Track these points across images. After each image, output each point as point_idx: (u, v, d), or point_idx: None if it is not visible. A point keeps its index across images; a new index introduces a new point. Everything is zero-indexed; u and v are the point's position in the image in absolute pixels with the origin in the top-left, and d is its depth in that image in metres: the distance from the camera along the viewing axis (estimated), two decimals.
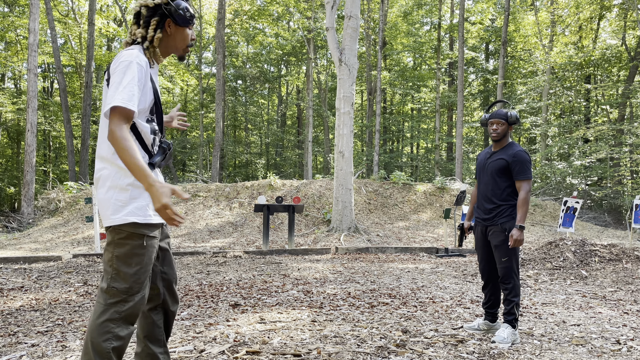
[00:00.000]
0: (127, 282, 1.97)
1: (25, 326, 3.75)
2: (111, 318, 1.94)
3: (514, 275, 3.43)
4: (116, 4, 22.18)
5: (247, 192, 13.65)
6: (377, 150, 21.28)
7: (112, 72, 1.98)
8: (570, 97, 22.00)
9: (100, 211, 2.04)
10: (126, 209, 1.97)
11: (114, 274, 1.97)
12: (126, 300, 1.97)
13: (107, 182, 1.99)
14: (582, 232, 12.79)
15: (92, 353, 1.91)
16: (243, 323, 3.83)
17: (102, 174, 2.02)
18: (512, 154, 3.43)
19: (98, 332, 1.92)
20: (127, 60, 1.94)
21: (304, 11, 22.88)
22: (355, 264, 7.46)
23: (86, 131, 18.59)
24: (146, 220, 1.99)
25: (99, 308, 1.96)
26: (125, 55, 1.96)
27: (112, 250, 1.99)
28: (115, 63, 1.97)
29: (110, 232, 2.01)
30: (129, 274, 1.97)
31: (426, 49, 26.95)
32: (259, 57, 28.43)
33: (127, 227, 1.97)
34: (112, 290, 1.96)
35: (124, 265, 1.97)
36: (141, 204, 1.99)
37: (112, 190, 1.98)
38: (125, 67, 1.93)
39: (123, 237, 1.98)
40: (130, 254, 1.98)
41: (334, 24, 11.25)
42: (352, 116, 10.99)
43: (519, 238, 3.34)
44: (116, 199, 1.97)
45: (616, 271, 6.18)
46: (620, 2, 19.70)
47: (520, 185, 3.41)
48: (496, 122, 3.54)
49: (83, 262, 7.52)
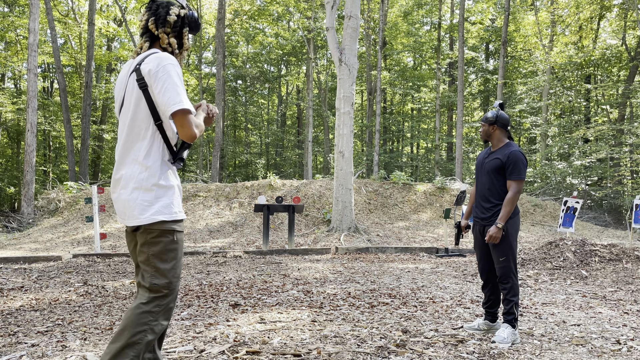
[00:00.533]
0: (167, 277, 2.10)
1: (25, 326, 3.75)
2: (152, 310, 2.06)
3: (512, 274, 3.44)
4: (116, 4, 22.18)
5: (247, 192, 13.64)
6: (377, 150, 21.28)
7: (156, 75, 2.05)
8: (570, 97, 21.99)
9: (126, 211, 2.10)
10: (153, 208, 2.05)
11: (154, 272, 2.08)
12: (167, 295, 2.10)
13: (131, 182, 2.07)
14: (582, 232, 12.79)
15: (125, 340, 1.98)
16: (243, 323, 3.83)
17: (125, 174, 2.09)
18: (507, 154, 3.48)
19: (137, 322, 2.02)
20: (172, 64, 2.08)
21: (304, 11, 22.88)
22: (355, 264, 7.46)
23: (86, 131, 18.58)
24: (172, 217, 2.09)
25: (139, 300, 2.06)
26: (169, 59, 2.08)
27: (146, 250, 2.08)
28: (158, 66, 2.05)
29: (142, 233, 2.09)
30: (167, 269, 2.09)
31: (426, 49, 26.94)
32: (259, 57, 28.42)
33: (157, 225, 2.06)
34: (154, 287, 2.08)
35: (161, 262, 2.09)
36: (166, 202, 2.09)
37: (137, 191, 2.05)
38: (174, 70, 2.07)
39: (155, 235, 2.07)
40: (164, 251, 2.09)
41: (334, 24, 11.24)
42: (352, 116, 10.99)
43: (495, 235, 3.37)
44: (142, 199, 2.05)
45: (616, 271, 6.17)
46: (620, 2, 19.69)
47: (510, 185, 3.45)
48: (481, 124, 3.68)
49: (83, 262, 7.52)
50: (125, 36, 24.86)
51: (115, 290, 5.28)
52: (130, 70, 2.16)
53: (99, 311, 4.27)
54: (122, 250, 9.28)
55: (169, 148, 2.13)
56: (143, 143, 2.08)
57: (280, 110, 31.70)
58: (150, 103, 2.08)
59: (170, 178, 2.12)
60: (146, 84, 2.07)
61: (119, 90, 2.21)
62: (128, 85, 2.14)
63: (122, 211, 2.12)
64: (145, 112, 2.09)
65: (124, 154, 2.12)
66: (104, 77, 26.51)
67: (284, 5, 22.75)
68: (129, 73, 2.17)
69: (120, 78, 2.24)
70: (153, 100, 2.07)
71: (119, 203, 2.12)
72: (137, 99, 2.09)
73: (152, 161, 2.07)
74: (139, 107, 2.09)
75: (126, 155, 2.11)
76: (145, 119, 2.09)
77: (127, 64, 2.25)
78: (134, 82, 2.10)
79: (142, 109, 2.09)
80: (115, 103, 2.25)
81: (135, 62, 2.17)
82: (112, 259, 7.88)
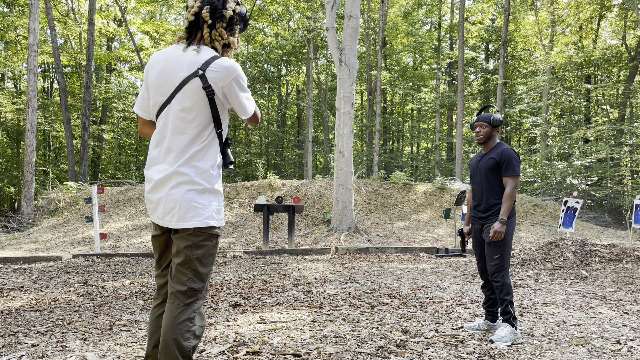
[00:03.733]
0: (204, 282, 2.08)
1: (25, 326, 3.75)
2: (190, 317, 2.03)
3: (504, 272, 3.49)
4: (116, 4, 22.17)
5: (247, 192, 13.64)
6: (377, 150, 21.28)
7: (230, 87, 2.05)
8: (570, 97, 21.99)
9: (175, 212, 2.03)
10: (206, 212, 2.05)
11: (192, 275, 2.05)
12: (200, 299, 2.08)
13: (186, 184, 2.03)
14: (582, 232, 12.78)
15: (176, 353, 1.97)
16: (243, 323, 3.83)
17: (176, 174, 2.03)
18: (500, 152, 3.57)
19: (180, 332, 1.99)
20: (240, 74, 2.08)
21: (304, 11, 22.88)
22: (355, 264, 7.46)
23: (86, 131, 18.58)
24: (220, 223, 2.11)
25: (177, 309, 2.02)
26: (237, 68, 2.07)
27: (190, 252, 2.04)
28: (229, 77, 2.04)
29: (188, 235, 2.04)
30: (205, 273, 2.08)
31: (426, 49, 26.94)
32: (258, 57, 28.41)
33: (206, 229, 2.06)
34: (191, 291, 2.04)
35: (201, 265, 2.06)
36: (217, 207, 2.10)
37: (191, 193, 2.03)
38: (244, 79, 2.10)
39: (202, 239, 2.06)
40: (206, 255, 2.08)
41: (334, 24, 11.24)
42: (352, 116, 10.99)
43: (499, 230, 3.42)
44: (197, 202, 2.03)
45: (616, 271, 6.17)
46: (620, 2, 19.69)
47: (507, 181, 3.53)
48: (480, 125, 3.70)
49: (83, 262, 7.52)
50: (125, 36, 24.85)
51: (115, 290, 5.28)
52: (187, 71, 2.03)
53: (99, 311, 4.27)
54: (122, 250, 9.28)
55: (222, 153, 2.15)
56: (201, 146, 2.05)
57: (280, 110, 31.70)
58: (214, 110, 2.05)
59: (220, 183, 2.13)
60: (214, 92, 2.01)
61: (162, 85, 2.07)
62: (185, 87, 2.02)
63: (168, 211, 2.03)
64: (208, 118, 2.05)
65: (171, 152, 2.04)
66: (104, 77, 26.51)
67: (284, 5, 22.75)
68: (185, 72, 2.03)
69: (162, 69, 2.08)
70: (218, 109, 2.06)
71: (168, 203, 2.03)
72: (201, 104, 2.02)
73: (209, 165, 2.06)
74: (202, 113, 2.04)
75: (179, 156, 2.03)
76: (206, 124, 2.05)
77: (172, 55, 2.09)
78: (199, 88, 2.01)
79: (206, 115, 2.04)
80: (154, 93, 2.10)
81: (193, 63, 2.03)
82: (112, 259, 7.88)
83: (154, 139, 2.12)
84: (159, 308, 2.18)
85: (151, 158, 2.11)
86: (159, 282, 2.21)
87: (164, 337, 1.99)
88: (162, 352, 1.99)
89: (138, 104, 2.20)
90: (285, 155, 30.39)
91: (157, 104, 2.11)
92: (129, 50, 24.80)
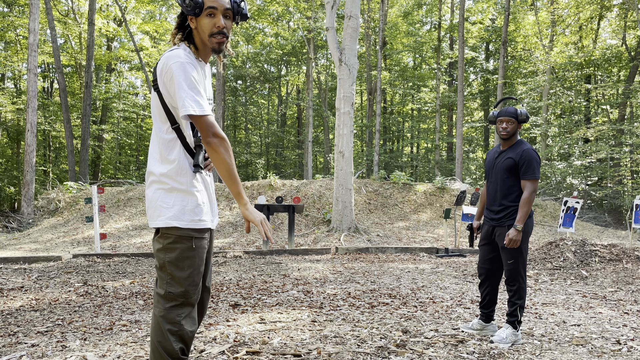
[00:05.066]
0: (182, 286, 1.99)
1: (25, 326, 3.75)
2: (175, 321, 1.98)
3: (520, 278, 3.36)
4: (116, 4, 22.16)
5: (247, 192, 13.64)
6: (377, 150, 21.27)
7: (168, 77, 1.93)
8: (570, 97, 21.98)
9: (148, 211, 2.04)
10: (170, 211, 1.97)
11: (170, 279, 1.99)
12: (184, 304, 2.00)
13: (155, 183, 2.01)
14: (582, 232, 12.78)
15: (165, 354, 1.95)
16: (243, 323, 3.83)
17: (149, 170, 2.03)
18: (520, 152, 3.34)
19: (164, 336, 1.96)
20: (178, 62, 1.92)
21: (304, 11, 22.87)
22: (355, 264, 7.46)
23: (86, 131, 18.57)
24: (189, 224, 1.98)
25: (160, 312, 1.99)
26: (175, 57, 1.93)
27: (162, 256, 1.99)
28: (168, 58, 1.94)
29: (159, 237, 2.00)
30: (183, 277, 1.99)
31: (426, 49, 26.94)
32: (259, 57, 28.41)
33: (173, 230, 1.97)
34: (169, 295, 1.99)
35: (178, 269, 1.98)
36: (185, 208, 1.97)
37: (158, 192, 1.99)
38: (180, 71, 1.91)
39: (171, 241, 1.98)
40: (181, 258, 1.99)
41: (334, 24, 11.24)
42: (352, 116, 10.99)
43: (515, 238, 3.27)
44: (162, 200, 1.98)
45: (616, 271, 6.17)
46: (620, 2, 19.68)
47: (525, 185, 3.32)
48: (506, 120, 3.41)
49: (83, 262, 7.52)
50: (125, 36, 24.84)
51: (115, 290, 5.28)
52: None
53: (99, 311, 4.27)
54: (122, 250, 9.28)
55: (191, 154, 2.03)
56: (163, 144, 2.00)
57: (280, 110, 31.69)
58: (164, 105, 2.02)
59: (193, 183, 2.01)
60: (158, 85, 2.02)
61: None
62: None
63: (147, 211, 2.05)
64: (163, 115, 2.00)
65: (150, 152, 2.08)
66: (104, 77, 26.51)
67: (284, 5, 22.74)
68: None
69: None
70: (166, 101, 2.02)
71: (146, 202, 2.06)
72: (155, 100, 2.05)
73: (174, 164, 1.99)
74: (157, 109, 2.02)
75: (150, 155, 2.04)
76: (163, 121, 2.01)
77: None
78: (152, 81, 2.05)
79: (160, 111, 2.02)
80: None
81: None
82: (112, 259, 7.88)
83: None
84: None
85: None
86: None
87: (151, 340, 2.01)
88: (151, 355, 2.01)
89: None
90: (285, 155, 30.39)
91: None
92: (129, 50, 24.80)
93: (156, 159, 2.01)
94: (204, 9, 1.96)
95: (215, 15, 1.98)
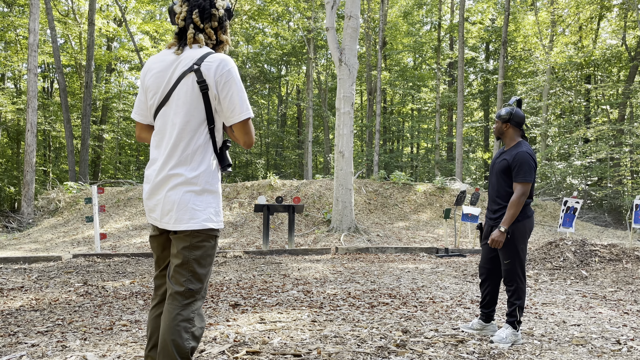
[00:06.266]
0: (202, 282, 2.06)
1: (25, 326, 3.75)
2: (189, 318, 2.01)
3: (518, 278, 3.37)
4: (116, 4, 22.17)
5: (247, 192, 13.64)
6: (377, 150, 21.27)
7: (223, 79, 1.99)
8: (570, 97, 21.98)
9: (173, 214, 2.01)
10: (204, 213, 2.02)
11: (190, 276, 2.03)
12: (199, 300, 2.07)
13: (183, 185, 2.01)
14: (582, 232, 12.78)
15: (175, 353, 1.96)
16: (243, 323, 3.83)
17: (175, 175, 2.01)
18: (514, 155, 3.37)
19: (178, 333, 1.97)
20: (235, 67, 2.04)
21: (304, 11, 22.87)
22: (355, 264, 7.46)
23: (86, 131, 18.58)
24: (219, 225, 2.08)
25: (175, 310, 2.00)
26: (231, 62, 2.03)
27: (187, 253, 2.02)
28: (223, 70, 1.99)
29: (185, 236, 2.03)
30: (203, 274, 2.06)
31: (426, 49, 26.94)
32: (259, 57, 28.41)
33: (205, 230, 2.03)
34: (189, 292, 2.03)
35: (199, 266, 2.04)
36: (216, 208, 2.07)
37: (189, 194, 2.01)
38: (237, 74, 2.04)
39: (200, 240, 2.03)
40: (204, 256, 2.05)
41: (334, 24, 11.24)
42: (352, 116, 10.99)
43: (497, 239, 3.29)
44: (194, 203, 2.00)
45: (616, 271, 6.17)
46: (620, 2, 19.69)
47: (515, 187, 3.34)
48: (495, 121, 3.60)
49: (83, 262, 7.52)
50: (125, 36, 24.85)
51: (115, 290, 5.28)
52: (183, 67, 2.01)
53: (99, 311, 4.27)
54: (122, 250, 9.28)
55: (216, 153, 2.09)
56: (196, 146, 2.02)
57: (280, 110, 31.69)
58: (207, 105, 2.01)
59: (219, 184, 2.10)
60: (207, 86, 1.98)
61: (159, 84, 2.06)
62: (181, 83, 2.01)
63: (166, 213, 2.02)
64: (202, 115, 2.02)
65: (169, 152, 2.02)
66: (104, 77, 26.51)
67: (283, 5, 22.74)
68: (181, 69, 2.02)
69: (159, 70, 2.07)
70: (212, 103, 2.02)
71: (166, 205, 2.01)
72: (195, 100, 2.00)
73: (206, 165, 2.03)
74: (196, 109, 2.01)
75: (177, 156, 2.01)
76: (200, 121, 2.02)
77: (167, 57, 2.07)
78: (194, 83, 1.99)
79: (199, 111, 2.02)
80: (151, 95, 2.09)
81: (188, 60, 2.01)
82: (112, 259, 7.88)
83: (154, 139, 2.11)
84: (157, 308, 2.17)
85: (152, 159, 2.11)
86: (157, 282, 2.20)
87: (163, 338, 1.99)
88: (161, 353, 1.99)
89: (135, 109, 2.19)
90: (285, 155, 30.38)
91: (154, 105, 2.09)
92: (129, 50, 24.80)
93: (185, 161, 2.01)
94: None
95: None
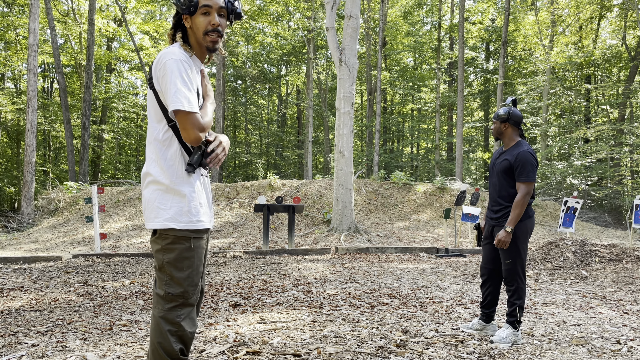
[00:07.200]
0: (182, 286, 1.98)
1: (25, 326, 3.75)
2: (175, 321, 1.97)
3: (518, 278, 3.38)
4: (116, 4, 22.16)
5: (247, 192, 13.64)
6: (377, 150, 21.27)
7: (161, 73, 1.92)
8: (570, 97, 21.98)
9: (144, 212, 2.02)
10: (168, 213, 1.95)
11: (169, 280, 1.98)
12: (184, 305, 1.99)
13: (152, 184, 1.99)
14: (582, 232, 12.78)
15: (164, 354, 1.95)
16: (243, 323, 3.83)
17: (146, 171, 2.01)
18: (516, 155, 3.38)
19: (164, 337, 1.95)
20: (173, 59, 1.91)
21: (304, 11, 22.87)
22: (355, 264, 7.46)
23: (86, 131, 18.57)
24: (187, 226, 1.97)
25: (159, 313, 1.98)
26: (169, 54, 1.93)
27: (161, 256, 1.98)
28: (160, 63, 1.94)
29: (157, 238, 1.99)
30: (182, 278, 1.98)
31: (426, 49, 26.94)
32: (259, 57, 28.41)
33: (171, 232, 1.97)
34: (168, 295, 1.98)
35: (177, 270, 1.98)
36: (182, 209, 1.96)
37: (156, 192, 1.97)
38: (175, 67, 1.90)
39: (169, 242, 1.97)
40: (180, 259, 1.98)
41: (334, 24, 11.24)
42: (352, 116, 10.99)
43: (504, 239, 3.31)
44: (159, 202, 1.96)
45: (616, 271, 6.17)
46: (620, 2, 19.68)
47: (519, 187, 3.35)
48: (493, 122, 3.61)
49: (83, 262, 7.52)
50: (125, 36, 24.84)
51: (115, 290, 5.28)
52: None
53: (99, 311, 4.27)
54: (122, 250, 9.28)
55: (188, 153, 2.01)
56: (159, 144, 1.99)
57: (280, 110, 31.69)
58: (160, 103, 2.01)
59: (189, 184, 1.99)
60: (153, 83, 2.01)
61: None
62: None
63: (144, 211, 2.03)
64: (159, 113, 1.99)
65: (146, 151, 2.05)
66: (104, 77, 26.51)
67: (284, 5, 22.74)
68: None
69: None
70: (162, 99, 2.00)
71: (143, 203, 2.04)
72: (151, 99, 2.03)
73: (169, 164, 1.97)
74: (153, 108, 2.03)
75: (147, 155, 2.02)
76: (159, 119, 1.99)
77: None
78: (147, 80, 2.05)
79: (156, 110, 2.03)
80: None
81: None
82: (112, 259, 7.88)
83: None
84: None
85: None
86: None
87: (150, 341, 1.99)
88: (150, 356, 2.00)
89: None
90: (285, 155, 30.38)
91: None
92: (129, 50, 24.79)
93: (152, 159, 1.99)
94: (198, 7, 1.98)
95: (210, 14, 1.99)
